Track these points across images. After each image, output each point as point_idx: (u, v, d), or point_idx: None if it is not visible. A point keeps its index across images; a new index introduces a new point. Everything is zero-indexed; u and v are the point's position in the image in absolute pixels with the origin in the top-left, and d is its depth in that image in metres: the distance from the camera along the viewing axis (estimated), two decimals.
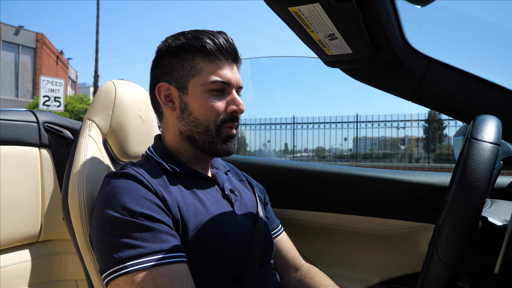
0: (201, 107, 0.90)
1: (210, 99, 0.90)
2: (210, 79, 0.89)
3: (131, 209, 0.76)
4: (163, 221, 0.78)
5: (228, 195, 0.96)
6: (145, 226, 0.75)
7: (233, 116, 0.93)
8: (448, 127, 11.38)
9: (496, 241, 0.68)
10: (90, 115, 1.08)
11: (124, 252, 0.72)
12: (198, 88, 0.90)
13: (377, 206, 1.31)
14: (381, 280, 1.35)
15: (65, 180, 1.02)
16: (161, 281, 0.70)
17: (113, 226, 0.75)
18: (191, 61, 0.91)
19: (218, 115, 0.91)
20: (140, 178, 0.82)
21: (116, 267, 0.72)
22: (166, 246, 0.74)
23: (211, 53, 0.90)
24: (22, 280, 1.19)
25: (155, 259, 0.72)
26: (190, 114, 0.91)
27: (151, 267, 0.71)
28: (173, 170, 0.91)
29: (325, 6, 0.68)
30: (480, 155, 0.61)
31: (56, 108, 10.90)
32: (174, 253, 0.74)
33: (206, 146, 0.93)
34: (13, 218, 1.19)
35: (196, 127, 0.92)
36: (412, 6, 0.79)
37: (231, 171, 1.12)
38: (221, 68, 0.91)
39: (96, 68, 17.03)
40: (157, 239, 0.74)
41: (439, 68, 0.94)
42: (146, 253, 0.72)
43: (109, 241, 0.75)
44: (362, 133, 11.41)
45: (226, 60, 0.92)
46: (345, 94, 23.90)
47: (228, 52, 0.92)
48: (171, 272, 0.72)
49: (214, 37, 0.91)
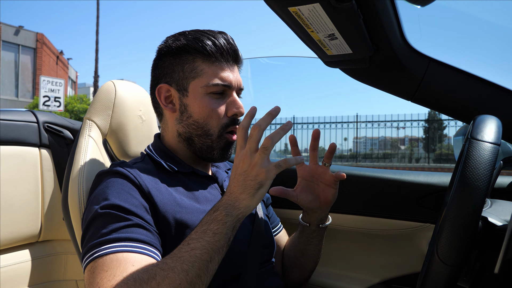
0: (201, 110, 0.90)
1: (211, 102, 0.89)
2: (212, 82, 0.89)
3: (111, 202, 0.77)
4: (140, 215, 0.77)
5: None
6: (115, 216, 0.75)
7: (234, 119, 0.92)
8: (448, 127, 11.40)
9: (496, 241, 0.68)
10: (90, 115, 1.08)
11: (94, 241, 0.73)
12: (198, 91, 0.90)
13: (377, 206, 1.31)
14: (381, 280, 1.35)
15: (65, 180, 1.02)
16: (108, 265, 0.68)
17: (91, 218, 0.77)
18: (192, 63, 0.90)
19: (219, 119, 0.91)
20: (127, 174, 0.82)
21: (86, 255, 0.73)
22: (131, 236, 0.73)
23: (212, 55, 0.89)
24: (22, 280, 1.19)
25: (113, 246, 0.71)
26: (190, 116, 0.91)
27: (107, 253, 0.70)
28: (171, 169, 0.90)
29: (325, 6, 0.68)
30: (480, 155, 0.61)
31: (56, 108, 10.90)
32: (136, 243, 0.72)
33: (204, 150, 0.92)
34: (13, 218, 1.18)
35: (196, 130, 0.91)
36: (412, 6, 0.79)
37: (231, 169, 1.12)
38: (222, 70, 0.90)
39: (96, 68, 17.04)
40: (124, 229, 0.74)
41: (439, 68, 0.94)
42: (108, 240, 0.72)
43: (88, 231, 0.76)
44: (362, 133, 11.43)
45: (227, 61, 0.91)
46: (345, 94, 23.91)
47: (229, 54, 0.91)
48: (124, 258, 0.70)
49: (215, 38, 0.90)
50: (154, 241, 0.76)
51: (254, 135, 0.74)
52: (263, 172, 0.72)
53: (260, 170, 0.72)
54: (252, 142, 0.74)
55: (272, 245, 1.01)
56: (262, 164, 0.73)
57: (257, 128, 0.74)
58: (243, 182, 0.73)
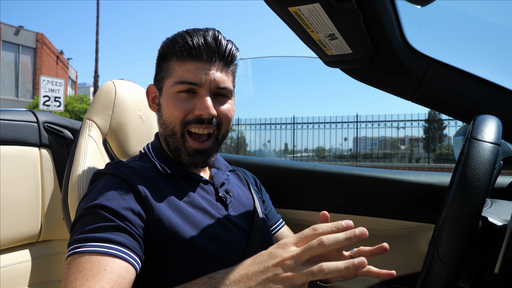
0: (168, 109, 0.89)
1: (177, 101, 0.88)
2: (177, 80, 0.88)
3: (98, 202, 0.77)
4: (126, 217, 0.76)
5: (222, 197, 0.94)
6: (100, 216, 0.75)
7: (200, 118, 0.87)
8: (448, 127, 11.40)
9: (496, 241, 0.68)
10: (90, 115, 1.08)
11: (75, 236, 0.74)
12: (168, 90, 0.90)
13: (377, 206, 1.31)
14: (381, 280, 1.35)
15: (65, 180, 1.02)
16: (83, 266, 0.69)
17: (78, 216, 0.78)
18: (167, 62, 0.91)
19: (182, 117, 0.88)
20: (122, 175, 0.82)
21: (69, 248, 0.73)
22: (111, 237, 0.72)
23: (182, 53, 0.87)
24: (22, 280, 1.19)
25: (92, 245, 0.71)
26: (162, 115, 0.92)
27: (84, 252, 0.70)
28: (164, 171, 0.89)
29: (325, 6, 0.68)
30: (480, 155, 0.61)
31: (56, 108, 10.90)
32: (115, 246, 0.72)
33: (175, 152, 0.92)
34: (13, 218, 1.18)
35: (166, 129, 0.91)
36: (412, 6, 0.79)
37: (233, 170, 1.11)
38: (190, 68, 0.87)
39: (96, 68, 17.03)
40: (106, 230, 0.73)
41: (439, 68, 0.94)
42: (88, 239, 0.72)
43: (74, 227, 0.77)
44: (362, 133, 11.42)
45: (199, 59, 0.87)
46: (345, 94, 23.92)
47: (205, 51, 0.87)
48: (98, 260, 0.69)
49: (190, 37, 0.87)
50: (134, 245, 0.75)
51: (314, 248, 0.57)
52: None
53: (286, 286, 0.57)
54: (307, 253, 0.58)
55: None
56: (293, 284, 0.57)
57: (324, 245, 0.57)
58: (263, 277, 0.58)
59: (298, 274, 0.56)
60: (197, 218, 0.85)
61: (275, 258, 0.59)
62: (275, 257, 0.59)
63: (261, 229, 0.95)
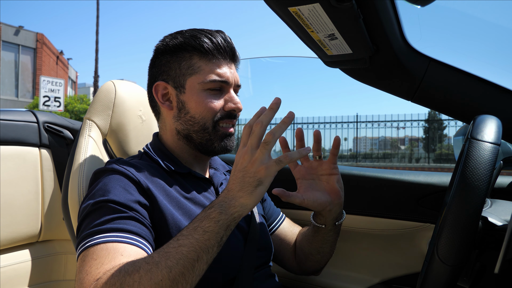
0: (198, 106, 0.90)
1: (208, 98, 0.90)
2: (209, 78, 0.89)
3: (106, 197, 0.77)
4: (134, 209, 0.77)
5: None
6: (109, 208, 0.75)
7: (231, 113, 0.93)
8: (448, 127, 11.40)
9: (496, 241, 0.68)
10: (90, 115, 1.08)
11: (86, 231, 0.73)
12: (195, 87, 0.90)
13: (377, 206, 1.31)
14: (381, 280, 1.35)
15: (65, 180, 1.02)
16: (98, 254, 0.69)
17: (85, 213, 0.77)
18: (189, 60, 0.91)
19: (215, 114, 0.91)
20: (124, 171, 0.83)
21: (79, 244, 0.73)
22: (123, 227, 0.73)
23: (209, 52, 0.90)
24: (22, 280, 1.19)
25: (105, 236, 0.71)
26: (187, 113, 0.91)
27: (98, 243, 0.70)
28: (168, 168, 0.90)
29: (325, 6, 0.68)
30: (480, 155, 0.61)
31: (56, 108, 10.91)
32: (128, 234, 0.73)
33: (204, 144, 0.93)
34: (13, 218, 1.18)
35: (193, 126, 0.91)
36: (412, 6, 0.79)
37: (230, 171, 1.11)
38: (219, 66, 0.91)
39: (96, 68, 17.04)
40: (117, 221, 0.74)
41: (439, 68, 0.94)
42: (100, 231, 0.72)
43: (82, 225, 0.77)
44: (362, 133, 11.42)
45: (224, 59, 0.92)
46: (345, 94, 23.92)
47: (226, 51, 0.92)
48: (113, 247, 0.70)
49: (212, 36, 0.91)
50: (147, 234, 0.76)
51: (256, 131, 0.72)
52: (262, 169, 0.70)
53: (260, 166, 0.70)
54: (253, 138, 0.72)
55: (269, 248, 1.00)
56: (262, 160, 0.70)
57: (259, 124, 0.72)
58: (241, 179, 0.71)
59: (258, 153, 0.71)
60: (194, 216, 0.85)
61: (237, 163, 0.73)
62: (237, 162, 0.73)
63: (258, 230, 0.96)
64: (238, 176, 0.72)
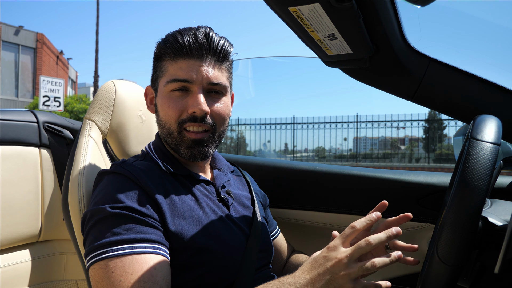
0: (162, 109, 0.90)
1: (170, 100, 0.88)
2: (170, 79, 0.88)
3: (118, 203, 0.77)
4: (148, 214, 0.78)
5: (223, 198, 0.94)
6: (128, 217, 0.76)
7: (193, 116, 0.87)
8: (448, 127, 11.40)
9: (496, 241, 0.68)
10: (90, 115, 1.08)
11: (105, 239, 0.73)
12: (162, 89, 0.90)
13: None
14: (381, 280, 1.35)
15: (65, 180, 1.02)
16: (131, 268, 0.70)
17: (99, 218, 0.77)
18: (161, 62, 0.92)
19: (177, 117, 0.88)
20: (128, 174, 0.83)
21: (95, 252, 0.73)
22: (145, 237, 0.74)
23: (174, 52, 0.88)
24: (22, 280, 1.19)
25: (130, 247, 0.72)
26: (159, 116, 0.92)
27: (125, 254, 0.71)
28: (167, 169, 0.90)
29: (325, 6, 0.68)
30: (480, 155, 0.61)
31: (56, 108, 10.90)
32: (151, 244, 0.74)
33: (175, 150, 0.92)
34: (13, 218, 1.18)
35: (163, 130, 0.92)
36: (412, 6, 0.79)
37: (236, 171, 1.11)
38: (181, 66, 0.87)
39: (96, 68, 17.04)
40: (138, 230, 0.75)
41: (439, 68, 0.94)
42: (123, 241, 0.73)
43: (95, 230, 0.76)
44: (362, 133, 11.42)
45: (190, 57, 0.87)
46: (345, 94, 23.92)
47: (196, 49, 0.87)
48: (144, 260, 0.72)
49: (181, 35, 0.88)
50: (163, 239, 0.78)
51: (364, 247, 0.65)
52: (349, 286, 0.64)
53: (348, 283, 0.64)
54: (358, 251, 0.65)
55: (270, 250, 1.00)
56: (353, 279, 0.64)
57: (370, 243, 0.65)
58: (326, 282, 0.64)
59: (354, 271, 0.64)
60: (201, 217, 0.85)
61: (331, 260, 0.66)
62: (331, 259, 0.66)
63: (259, 231, 0.95)
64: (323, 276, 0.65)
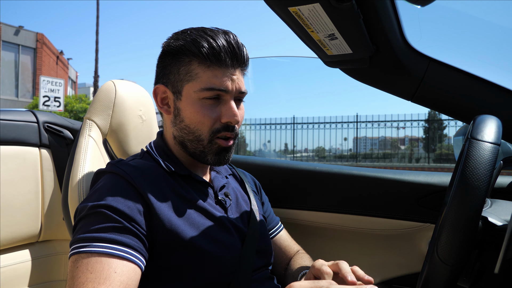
0: (192, 116, 0.87)
1: (203, 108, 0.86)
2: (204, 86, 0.84)
3: (104, 202, 0.77)
4: (131, 217, 0.77)
5: (221, 200, 0.94)
6: (107, 216, 0.75)
7: (228, 126, 0.87)
8: (448, 127, 11.40)
9: (496, 241, 0.68)
10: (90, 115, 1.08)
11: (81, 235, 0.74)
12: (191, 95, 0.86)
13: (377, 206, 1.31)
14: (381, 280, 1.35)
15: (65, 180, 1.02)
16: (93, 267, 0.70)
17: (83, 215, 0.78)
18: (188, 65, 0.86)
19: (211, 126, 0.87)
20: (122, 173, 0.82)
21: (72, 246, 0.74)
22: (118, 239, 0.74)
23: (208, 58, 0.84)
24: (22, 280, 1.19)
25: (100, 245, 0.72)
26: (182, 121, 0.89)
27: (92, 252, 0.71)
28: (168, 168, 0.89)
29: (325, 6, 0.68)
30: (480, 155, 0.61)
31: (56, 108, 10.91)
32: (122, 247, 0.73)
33: (197, 155, 0.90)
34: (13, 218, 1.18)
35: (188, 135, 0.89)
36: (412, 6, 0.79)
37: (233, 174, 1.10)
38: (217, 74, 0.85)
39: (96, 68, 17.03)
40: (114, 231, 0.74)
41: (439, 68, 0.94)
42: (95, 239, 0.73)
43: (79, 226, 0.77)
44: (362, 133, 11.42)
45: (225, 65, 0.85)
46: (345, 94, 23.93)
47: (229, 56, 0.85)
48: (107, 261, 0.71)
49: (214, 40, 0.84)
50: (140, 246, 0.76)
51: None
52: None
53: None
54: None
55: (269, 250, 0.99)
56: None
57: None
58: None
59: None
60: (197, 219, 0.85)
61: None
62: None
63: (257, 231, 0.95)
64: None
